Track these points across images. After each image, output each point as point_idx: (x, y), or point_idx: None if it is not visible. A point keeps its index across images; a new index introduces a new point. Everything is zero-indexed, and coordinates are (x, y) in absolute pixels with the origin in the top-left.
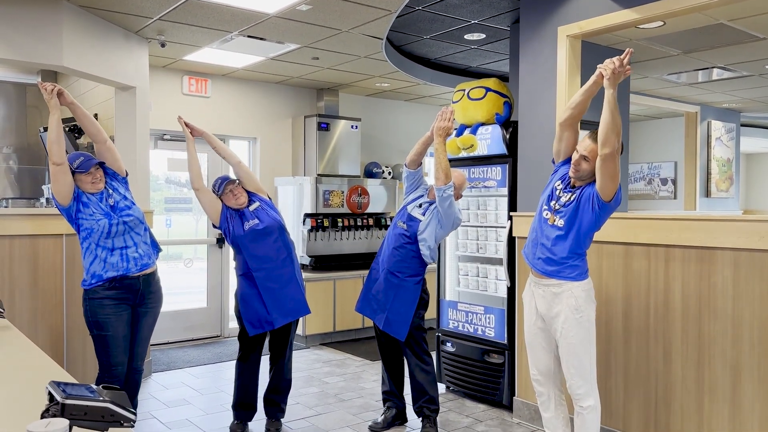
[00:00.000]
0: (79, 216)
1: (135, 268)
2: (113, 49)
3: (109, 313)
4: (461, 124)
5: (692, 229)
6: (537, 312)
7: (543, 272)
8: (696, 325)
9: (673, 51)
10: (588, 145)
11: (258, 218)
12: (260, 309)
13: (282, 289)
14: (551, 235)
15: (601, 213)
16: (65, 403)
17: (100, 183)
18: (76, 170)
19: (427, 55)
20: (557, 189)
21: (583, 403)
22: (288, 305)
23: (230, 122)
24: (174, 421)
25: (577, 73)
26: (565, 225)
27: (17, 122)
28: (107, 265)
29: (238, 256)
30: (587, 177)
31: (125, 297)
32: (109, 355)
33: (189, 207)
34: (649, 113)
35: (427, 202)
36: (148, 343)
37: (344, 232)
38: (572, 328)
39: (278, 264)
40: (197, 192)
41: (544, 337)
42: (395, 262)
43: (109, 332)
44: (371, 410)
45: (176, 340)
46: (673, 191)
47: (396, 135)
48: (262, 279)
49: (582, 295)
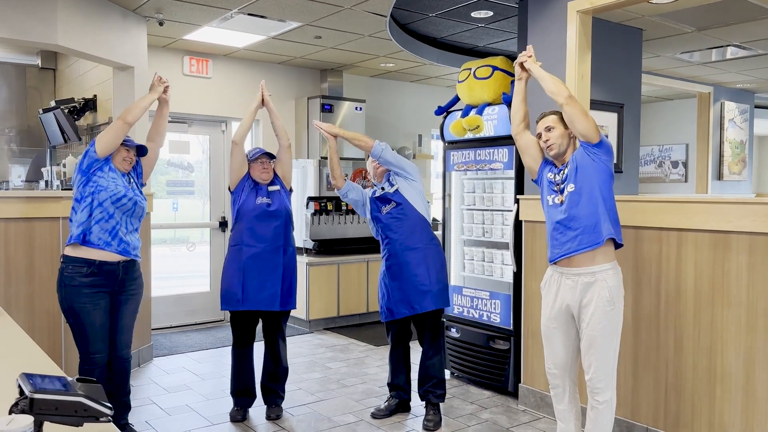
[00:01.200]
0: (99, 174)
1: (117, 248)
2: (110, 28)
3: (85, 301)
4: (467, 105)
5: (706, 212)
6: (560, 303)
7: (578, 249)
8: (709, 312)
9: (686, 28)
10: (544, 120)
11: (271, 199)
12: (235, 285)
13: (263, 275)
14: (565, 208)
15: (600, 157)
16: (33, 397)
17: (128, 165)
18: (123, 143)
19: (433, 33)
20: (551, 178)
21: (599, 397)
22: (261, 293)
23: (232, 104)
24: (174, 407)
25: (587, 50)
26: (576, 186)
27: (17, 104)
28: (96, 227)
29: (236, 227)
30: (565, 146)
31: (103, 284)
32: (87, 344)
33: (191, 190)
34: (661, 94)
35: (384, 181)
36: (131, 331)
37: (348, 215)
38: (601, 320)
39: (271, 249)
40: (235, 146)
41: (564, 329)
42: (407, 238)
43: (86, 321)
44: (374, 396)
45: (178, 325)
46: (684, 174)
47: (401, 117)
48: (250, 256)
49: (615, 285)
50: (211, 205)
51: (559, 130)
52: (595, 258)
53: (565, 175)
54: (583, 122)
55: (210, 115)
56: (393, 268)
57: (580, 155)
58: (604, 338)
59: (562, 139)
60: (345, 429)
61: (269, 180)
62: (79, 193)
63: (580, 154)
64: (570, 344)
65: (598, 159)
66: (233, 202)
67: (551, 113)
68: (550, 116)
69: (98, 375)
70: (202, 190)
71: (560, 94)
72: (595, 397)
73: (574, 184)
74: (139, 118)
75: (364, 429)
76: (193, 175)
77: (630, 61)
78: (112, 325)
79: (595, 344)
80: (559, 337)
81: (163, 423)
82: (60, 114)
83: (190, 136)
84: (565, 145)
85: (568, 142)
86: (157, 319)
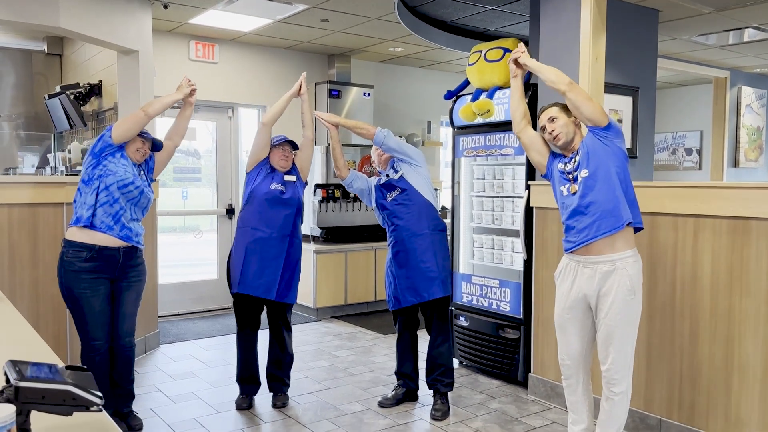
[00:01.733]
0: (110, 158)
1: (120, 234)
2: (114, 11)
3: (84, 287)
4: (477, 89)
5: (724, 198)
6: (576, 293)
7: (597, 235)
8: (726, 301)
9: (704, 8)
10: (545, 113)
11: (285, 187)
12: (236, 268)
13: (264, 261)
14: (580, 194)
15: (611, 140)
16: (19, 386)
17: (141, 156)
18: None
19: (443, 16)
20: (562, 169)
21: (615, 389)
22: (259, 279)
23: (239, 89)
24: (179, 395)
25: (602, 32)
26: (590, 170)
27: (24, 90)
28: (99, 212)
29: (246, 208)
30: (571, 135)
31: (103, 269)
32: (87, 330)
33: (198, 177)
34: (676, 80)
35: (388, 168)
36: (134, 319)
37: (356, 203)
38: (621, 310)
39: (278, 236)
40: (263, 126)
41: (579, 320)
42: (413, 224)
43: (85, 307)
44: (381, 385)
45: (185, 312)
46: (698, 162)
47: (410, 103)
48: (255, 240)
49: (635, 274)
50: (219, 191)
51: (562, 119)
52: (614, 244)
53: (576, 163)
54: (588, 106)
55: (216, 101)
56: (400, 255)
57: (590, 140)
58: (623, 329)
59: (568, 127)
60: (352, 418)
61: (287, 168)
62: (87, 175)
63: (589, 139)
64: (585, 335)
65: (609, 142)
66: (246, 184)
67: (551, 105)
68: (551, 108)
69: (99, 362)
70: (209, 177)
71: (561, 82)
72: (611, 389)
73: (588, 168)
74: (160, 112)
75: (371, 418)
76: (200, 161)
77: (646, 43)
78: (114, 313)
79: (614, 335)
80: (574, 327)
81: (168, 410)
82: (65, 99)
83: (196, 122)
84: (572, 133)
85: (574, 129)
86: (164, 306)
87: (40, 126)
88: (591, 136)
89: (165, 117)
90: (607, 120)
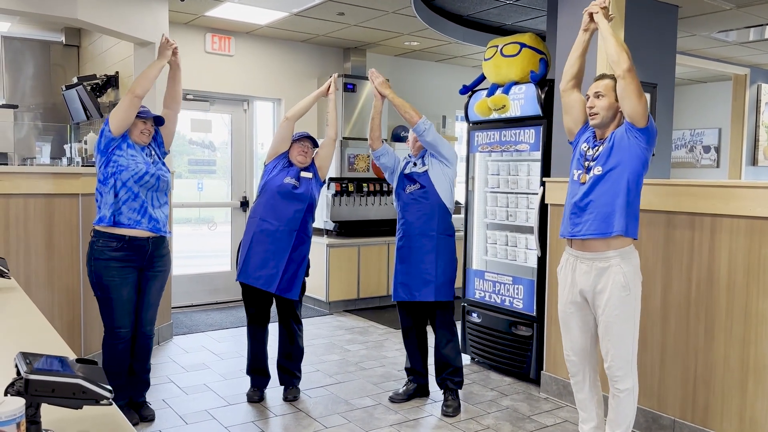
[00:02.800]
0: (117, 153)
1: (148, 225)
2: (131, 3)
3: (114, 275)
4: (492, 84)
5: (742, 198)
6: (575, 288)
7: (587, 234)
8: (742, 301)
9: (725, 5)
10: (597, 84)
11: (300, 183)
12: (242, 256)
13: (268, 253)
14: (586, 190)
15: (640, 143)
16: (29, 378)
17: (147, 137)
18: (138, 115)
19: (459, 11)
20: (584, 150)
21: (620, 386)
22: (260, 270)
23: (254, 82)
24: (191, 386)
25: (620, 27)
26: (603, 169)
27: (42, 81)
28: (124, 208)
29: (258, 199)
30: (609, 119)
31: (132, 259)
32: (113, 318)
33: (213, 169)
34: (694, 77)
35: (418, 157)
36: (156, 308)
37: (369, 197)
38: (617, 306)
39: (286, 230)
40: (286, 121)
41: (580, 315)
42: (423, 223)
43: (113, 295)
44: (392, 380)
45: (199, 303)
46: (716, 159)
47: (426, 97)
48: (261, 231)
49: (631, 271)
50: (233, 184)
51: (608, 100)
52: (609, 243)
53: (598, 153)
54: (634, 102)
55: (232, 93)
56: (403, 250)
57: (620, 135)
58: (620, 325)
59: (608, 111)
60: (362, 412)
61: (306, 164)
62: (102, 175)
63: (620, 133)
64: (588, 330)
65: (637, 144)
66: (263, 175)
67: (608, 78)
68: (605, 80)
69: (122, 350)
70: (224, 170)
71: (621, 64)
72: (615, 386)
73: (603, 166)
74: (149, 88)
75: (382, 412)
76: (216, 154)
77: (664, 39)
78: (139, 301)
79: (611, 331)
80: (575, 322)
81: (180, 402)
82: (82, 91)
83: (212, 114)
84: (610, 117)
85: (614, 115)
86: (178, 297)
87: (57, 117)
88: (624, 131)
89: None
90: (646, 123)
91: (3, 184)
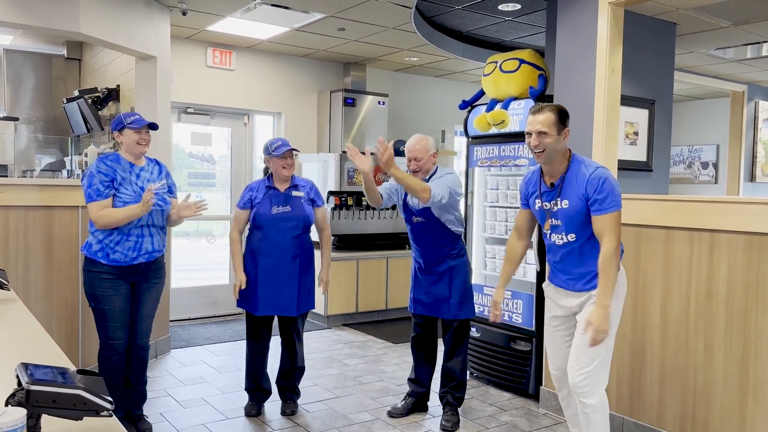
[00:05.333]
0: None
1: (143, 258)
2: (133, 17)
3: (107, 287)
4: (492, 99)
5: (741, 213)
6: (561, 305)
7: (571, 290)
8: (741, 317)
9: (722, 23)
10: (535, 119)
11: (289, 205)
12: (251, 289)
13: (278, 284)
14: (560, 255)
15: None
16: (30, 389)
17: (145, 146)
18: (128, 126)
19: (459, 27)
20: (543, 207)
21: (585, 400)
22: (275, 301)
23: (255, 96)
24: (189, 400)
25: (618, 44)
26: (568, 237)
27: (43, 94)
28: (118, 247)
29: (253, 231)
30: (554, 153)
31: (125, 275)
32: (107, 329)
33: (212, 183)
34: (692, 93)
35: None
36: (152, 320)
37: (369, 211)
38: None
39: (287, 259)
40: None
41: (565, 330)
42: (434, 252)
43: (107, 306)
44: (391, 395)
45: (197, 317)
46: (714, 176)
47: (425, 112)
48: (266, 266)
49: (616, 290)
50: (233, 197)
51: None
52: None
53: (556, 209)
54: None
55: (232, 107)
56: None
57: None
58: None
59: (556, 150)
60: (360, 427)
61: (290, 175)
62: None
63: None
64: (570, 346)
65: None
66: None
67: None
68: (543, 114)
69: (116, 361)
70: (223, 183)
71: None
72: (581, 399)
73: (566, 234)
74: (119, 223)
75: (380, 427)
76: (215, 167)
77: (663, 56)
78: (134, 313)
79: (583, 342)
80: (562, 337)
81: (177, 416)
82: (83, 104)
83: (212, 128)
84: (557, 150)
85: (561, 149)
86: (176, 310)
87: (58, 129)
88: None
89: (185, 123)
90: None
91: (3, 195)
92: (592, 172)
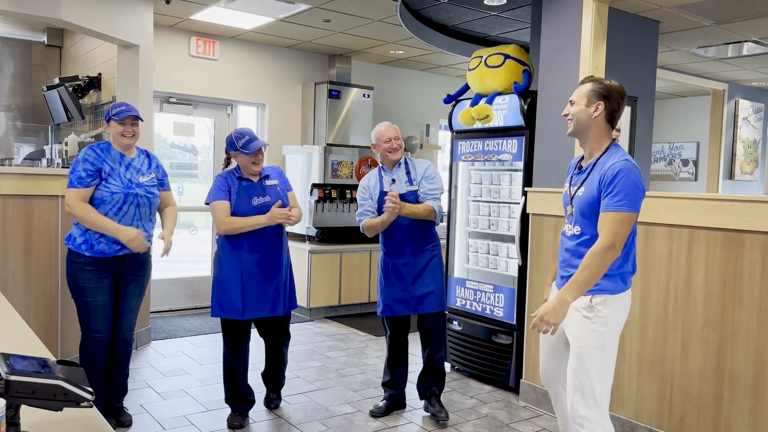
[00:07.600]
0: (96, 192)
1: (128, 249)
2: (115, 5)
3: (89, 278)
4: (476, 94)
5: (719, 210)
6: None
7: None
8: (719, 312)
9: (705, 21)
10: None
11: (267, 195)
12: (235, 294)
13: (264, 282)
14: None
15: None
16: (9, 379)
17: (131, 138)
18: (113, 117)
19: (445, 21)
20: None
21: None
22: (263, 301)
23: (238, 87)
24: (169, 391)
25: (602, 40)
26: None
27: (23, 81)
28: (102, 239)
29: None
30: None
31: (109, 267)
32: (89, 321)
33: (195, 173)
34: (674, 91)
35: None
36: (136, 314)
37: (353, 203)
38: (579, 328)
39: (272, 252)
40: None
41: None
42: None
43: (89, 298)
44: (372, 387)
45: (178, 308)
46: (694, 173)
47: (410, 106)
48: (249, 264)
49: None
50: None
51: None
52: None
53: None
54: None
55: (216, 97)
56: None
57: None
58: (585, 351)
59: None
60: (342, 419)
61: (259, 171)
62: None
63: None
64: (552, 351)
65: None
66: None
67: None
68: (582, 84)
69: (98, 354)
70: (205, 174)
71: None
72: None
73: (573, 225)
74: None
75: (362, 420)
76: (197, 157)
77: (645, 53)
78: (117, 306)
79: (575, 356)
80: (546, 340)
81: (158, 407)
82: (64, 92)
83: (195, 118)
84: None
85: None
86: (157, 302)
87: (37, 117)
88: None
89: (167, 113)
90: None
91: None
92: (613, 162)
